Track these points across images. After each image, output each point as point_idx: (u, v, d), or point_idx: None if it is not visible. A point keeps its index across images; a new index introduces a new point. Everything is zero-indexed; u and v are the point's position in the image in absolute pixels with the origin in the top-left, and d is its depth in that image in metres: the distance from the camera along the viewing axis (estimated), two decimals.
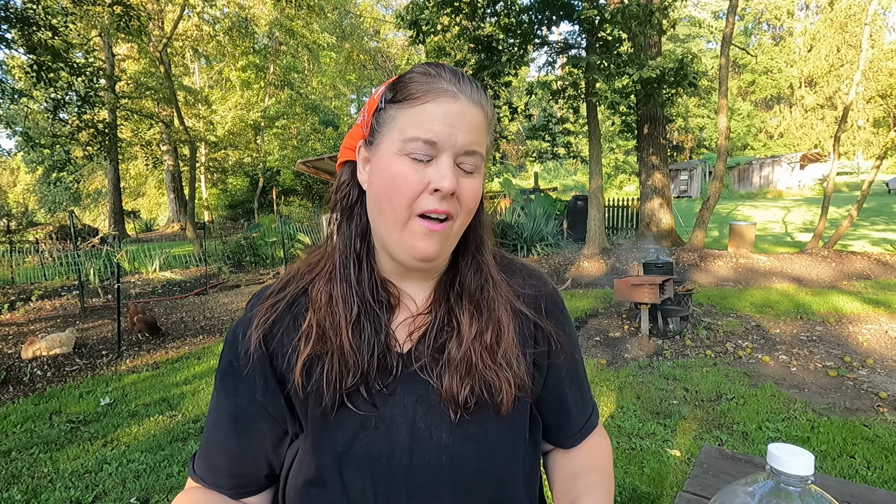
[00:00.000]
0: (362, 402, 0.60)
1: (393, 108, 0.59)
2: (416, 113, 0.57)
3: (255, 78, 22.82)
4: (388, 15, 30.26)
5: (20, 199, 30.06)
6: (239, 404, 0.64)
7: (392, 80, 0.62)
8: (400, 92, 0.59)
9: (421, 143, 0.56)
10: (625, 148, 31.35)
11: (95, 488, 2.61)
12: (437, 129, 0.56)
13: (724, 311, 5.73)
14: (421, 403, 0.61)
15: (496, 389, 0.60)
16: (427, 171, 0.57)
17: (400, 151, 0.57)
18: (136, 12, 10.01)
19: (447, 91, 0.57)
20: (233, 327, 0.67)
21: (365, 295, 0.62)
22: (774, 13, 38.79)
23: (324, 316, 0.60)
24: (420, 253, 0.58)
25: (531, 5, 8.59)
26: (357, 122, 0.67)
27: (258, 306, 0.65)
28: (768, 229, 13.58)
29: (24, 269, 10.22)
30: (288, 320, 0.64)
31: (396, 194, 0.57)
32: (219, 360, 0.67)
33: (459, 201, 0.59)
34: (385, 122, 0.60)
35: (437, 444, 0.60)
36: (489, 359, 0.61)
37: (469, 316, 0.63)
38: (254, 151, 22.75)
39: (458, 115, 0.57)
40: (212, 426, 0.66)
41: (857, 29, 23.87)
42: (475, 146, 0.58)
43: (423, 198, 0.57)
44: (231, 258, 11.78)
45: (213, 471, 0.65)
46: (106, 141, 11.20)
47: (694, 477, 1.09)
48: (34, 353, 4.87)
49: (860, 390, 3.51)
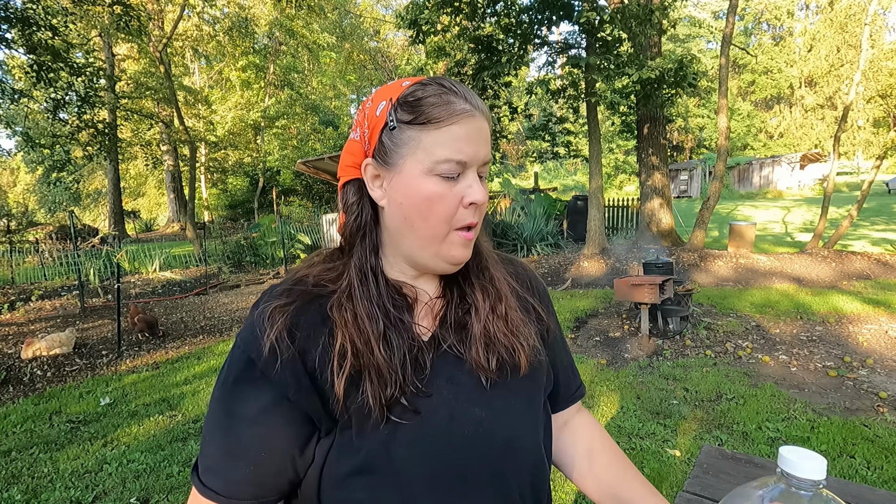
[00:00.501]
0: (402, 410, 0.61)
1: (412, 129, 0.61)
2: (441, 135, 0.60)
3: (255, 78, 22.83)
4: (388, 15, 30.27)
5: (20, 199, 30.07)
6: (263, 407, 0.60)
7: (397, 97, 0.62)
8: (420, 115, 0.61)
9: (454, 164, 0.61)
10: (625, 148, 31.36)
11: (95, 488, 2.61)
12: (465, 148, 0.61)
13: (724, 311, 5.73)
14: (452, 382, 0.65)
15: (516, 354, 0.67)
16: (458, 188, 0.62)
17: (430, 172, 0.61)
18: (136, 12, 10.01)
19: (466, 111, 0.61)
20: (247, 327, 0.64)
21: (386, 307, 0.64)
22: (774, 13, 38.79)
23: (353, 333, 0.61)
24: (459, 260, 0.65)
25: (531, 5, 8.59)
26: (352, 137, 0.67)
27: (274, 303, 0.63)
28: (768, 229, 13.58)
29: (24, 269, 10.22)
30: (313, 315, 0.63)
31: (433, 213, 0.62)
32: (227, 364, 0.63)
33: (480, 207, 0.65)
34: (404, 142, 0.62)
35: (472, 418, 0.63)
36: (504, 327, 0.68)
37: (481, 292, 0.69)
38: (254, 151, 22.76)
39: (477, 132, 0.62)
40: (224, 434, 0.61)
41: (857, 29, 23.86)
42: (489, 156, 0.65)
43: (460, 212, 0.62)
44: (231, 258, 11.79)
45: (230, 482, 0.60)
46: (106, 141, 11.21)
47: (694, 477, 1.09)
48: (34, 353, 4.87)
49: (860, 390, 3.51)
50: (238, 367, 0.62)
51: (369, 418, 0.59)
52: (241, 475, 0.60)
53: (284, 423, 0.60)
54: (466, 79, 9.24)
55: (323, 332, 0.62)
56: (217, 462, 0.61)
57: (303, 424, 0.61)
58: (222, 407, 0.62)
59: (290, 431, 0.61)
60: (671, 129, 32.03)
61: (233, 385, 0.61)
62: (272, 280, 9.80)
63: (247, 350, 0.61)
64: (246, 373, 0.61)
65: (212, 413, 0.62)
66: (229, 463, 0.60)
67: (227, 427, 0.61)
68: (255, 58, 22.25)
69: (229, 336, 5.72)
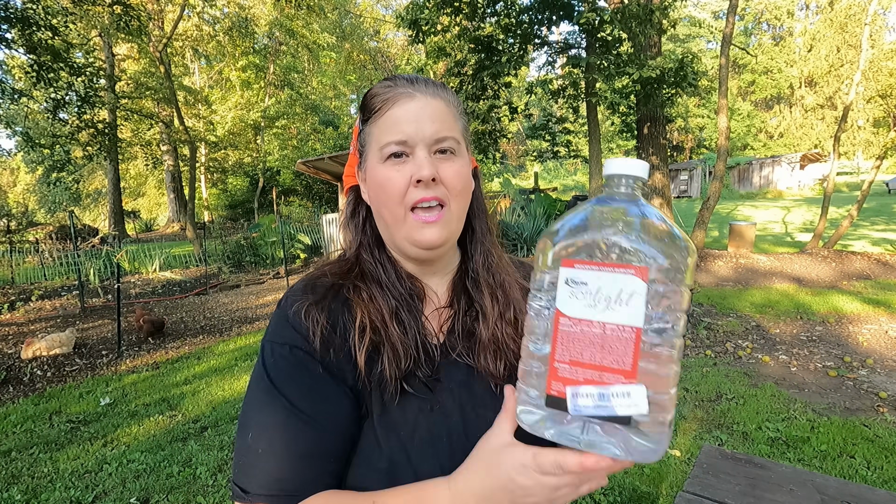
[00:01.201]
0: (418, 384, 0.63)
1: (367, 126, 0.67)
2: (384, 121, 0.64)
3: (255, 78, 22.82)
4: (388, 15, 30.25)
5: (20, 199, 30.07)
6: (331, 396, 0.60)
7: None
8: (367, 110, 0.66)
9: (394, 145, 0.63)
10: (625, 148, 31.33)
11: (95, 488, 2.61)
12: (404, 128, 0.62)
13: (724, 311, 5.73)
14: (464, 387, 0.66)
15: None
16: (406, 168, 0.63)
17: (381, 160, 0.64)
18: (136, 12, 10.01)
19: (404, 93, 0.64)
20: (283, 326, 0.63)
21: (397, 289, 0.68)
22: (774, 13, 38.78)
23: (370, 311, 0.64)
24: (424, 242, 0.64)
25: (531, 5, 8.59)
26: (350, 151, 0.75)
27: (305, 300, 0.64)
28: (768, 229, 13.58)
29: (24, 269, 10.22)
30: (340, 305, 0.65)
31: (387, 197, 0.64)
32: (268, 363, 0.62)
33: (446, 185, 0.64)
34: (365, 141, 0.67)
35: (486, 422, 0.62)
36: (514, 333, 0.68)
37: (490, 299, 0.69)
38: (254, 151, 22.76)
39: (420, 110, 0.63)
40: (290, 437, 0.58)
41: (857, 29, 23.87)
42: (443, 132, 0.64)
43: (409, 191, 0.63)
44: (231, 258, 11.78)
45: (308, 483, 0.58)
46: (106, 141, 11.22)
47: (694, 477, 1.09)
48: (34, 353, 4.87)
49: (860, 390, 3.51)
50: (289, 361, 0.61)
51: (387, 391, 0.62)
52: (317, 472, 0.59)
53: (350, 409, 0.62)
54: (466, 79, 9.25)
55: (348, 317, 0.64)
56: (285, 472, 0.57)
57: (356, 407, 0.63)
58: (271, 410, 0.59)
59: (355, 415, 0.62)
60: (671, 129, 32.02)
61: (289, 381, 0.60)
62: (272, 280, 9.80)
63: (297, 345, 0.61)
64: (302, 366, 0.61)
65: (261, 420, 0.59)
66: (298, 465, 0.58)
67: (291, 429, 0.59)
68: (255, 58, 22.25)
69: (229, 336, 5.71)
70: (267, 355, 0.63)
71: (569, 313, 0.45)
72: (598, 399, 0.43)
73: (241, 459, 0.59)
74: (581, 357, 0.44)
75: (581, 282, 0.44)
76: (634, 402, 0.42)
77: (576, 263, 0.45)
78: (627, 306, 0.43)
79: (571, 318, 0.45)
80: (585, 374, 0.44)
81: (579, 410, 0.43)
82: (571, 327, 0.45)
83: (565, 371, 0.45)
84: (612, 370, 0.43)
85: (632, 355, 0.43)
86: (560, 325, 0.45)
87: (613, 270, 0.43)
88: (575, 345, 0.44)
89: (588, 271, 0.44)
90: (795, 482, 1.31)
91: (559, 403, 0.44)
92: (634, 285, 0.42)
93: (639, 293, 0.42)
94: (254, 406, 0.61)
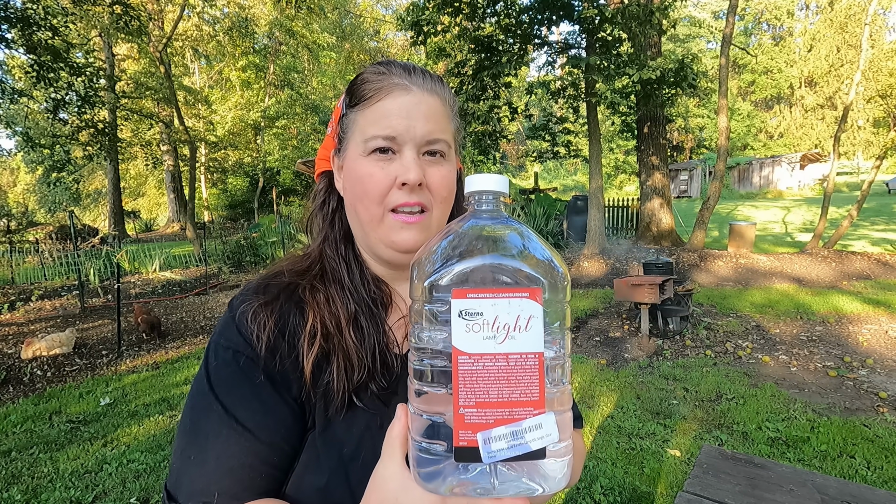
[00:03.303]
0: (370, 398, 0.59)
1: (353, 112, 0.61)
2: (372, 112, 0.59)
3: (255, 78, 22.83)
4: (388, 15, 30.27)
5: (20, 199, 30.09)
6: (271, 405, 0.56)
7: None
8: (355, 95, 0.61)
9: (381, 139, 0.58)
10: (625, 148, 31.35)
11: (95, 488, 2.61)
12: (395, 123, 0.57)
13: (724, 311, 5.73)
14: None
15: None
16: (392, 167, 0.58)
17: (364, 153, 0.59)
18: (136, 12, 10.01)
19: (398, 85, 0.59)
20: (229, 327, 0.59)
21: (360, 293, 0.63)
22: (774, 13, 38.79)
23: (324, 315, 0.60)
24: (400, 246, 0.59)
25: (531, 5, 8.59)
26: (328, 132, 0.68)
27: (255, 301, 0.60)
28: (768, 229, 13.58)
29: (24, 269, 10.22)
30: (293, 306, 0.61)
31: (366, 194, 0.59)
32: (212, 367, 0.58)
33: (431, 191, 0.60)
34: (348, 127, 0.62)
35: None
36: None
37: None
38: (254, 151, 22.76)
39: (414, 107, 0.58)
40: (222, 448, 0.54)
41: (857, 29, 23.87)
42: (436, 134, 0.59)
43: (392, 193, 0.58)
44: (231, 258, 11.78)
45: (236, 497, 0.54)
46: (106, 141, 11.21)
47: (694, 477, 1.09)
48: (34, 353, 4.87)
49: (860, 390, 3.51)
50: (231, 367, 0.57)
51: (333, 404, 0.57)
52: (256, 477, 0.55)
53: (294, 421, 0.57)
54: (466, 79, 9.24)
55: (300, 321, 0.59)
56: (222, 477, 0.54)
57: (301, 419, 0.58)
58: (212, 415, 0.55)
59: (298, 428, 0.57)
60: (671, 129, 32.01)
61: (228, 388, 0.56)
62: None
63: (240, 350, 0.57)
64: (243, 373, 0.56)
65: (199, 427, 0.55)
66: (237, 475, 0.54)
67: (226, 435, 0.55)
68: (255, 58, 22.26)
69: None
70: (211, 358, 0.59)
71: (468, 350, 0.40)
72: (512, 438, 0.39)
73: (174, 463, 0.56)
74: (487, 396, 0.40)
75: (477, 312, 0.40)
76: (547, 433, 0.40)
77: (468, 293, 0.40)
78: (527, 332, 0.40)
79: (471, 354, 0.40)
80: (495, 414, 0.39)
81: (494, 457, 0.39)
82: (473, 365, 0.40)
83: (473, 416, 0.39)
84: (522, 403, 0.40)
85: (538, 384, 0.40)
86: (460, 366, 0.40)
87: (509, 296, 0.40)
88: (479, 384, 0.40)
89: (483, 300, 0.40)
90: (795, 482, 1.31)
91: (470, 454, 0.39)
92: (532, 309, 0.40)
93: (536, 316, 0.40)
94: (191, 409, 0.57)
